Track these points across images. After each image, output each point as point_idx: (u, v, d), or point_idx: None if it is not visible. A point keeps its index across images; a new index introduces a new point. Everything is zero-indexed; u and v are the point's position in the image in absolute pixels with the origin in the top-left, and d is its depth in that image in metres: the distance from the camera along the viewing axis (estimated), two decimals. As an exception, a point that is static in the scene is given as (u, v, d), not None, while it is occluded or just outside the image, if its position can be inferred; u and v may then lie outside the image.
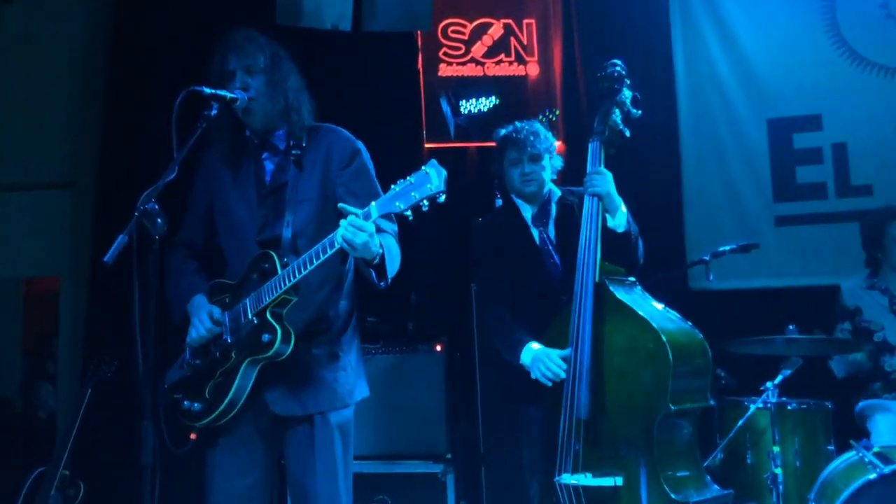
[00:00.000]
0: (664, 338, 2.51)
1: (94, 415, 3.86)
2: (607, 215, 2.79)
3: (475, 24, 5.01)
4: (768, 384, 3.15)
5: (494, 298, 2.98)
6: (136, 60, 4.74)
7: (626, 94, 2.86)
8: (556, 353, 2.69)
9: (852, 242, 3.92)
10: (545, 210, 3.02)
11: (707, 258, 3.58)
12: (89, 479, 3.88)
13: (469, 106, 4.97)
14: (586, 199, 2.78)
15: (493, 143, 4.98)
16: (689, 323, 2.71)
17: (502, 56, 5.00)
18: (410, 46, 4.97)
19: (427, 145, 4.93)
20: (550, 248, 2.98)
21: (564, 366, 2.65)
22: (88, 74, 4.94)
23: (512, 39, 5.01)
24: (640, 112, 2.87)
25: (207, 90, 2.31)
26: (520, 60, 5.00)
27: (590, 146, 2.83)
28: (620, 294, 2.66)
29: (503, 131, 3.09)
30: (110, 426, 4.05)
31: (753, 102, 4.59)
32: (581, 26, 5.00)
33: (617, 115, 2.82)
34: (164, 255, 2.50)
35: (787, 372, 3.16)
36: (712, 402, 2.72)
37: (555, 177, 3.09)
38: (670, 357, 2.48)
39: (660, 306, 2.73)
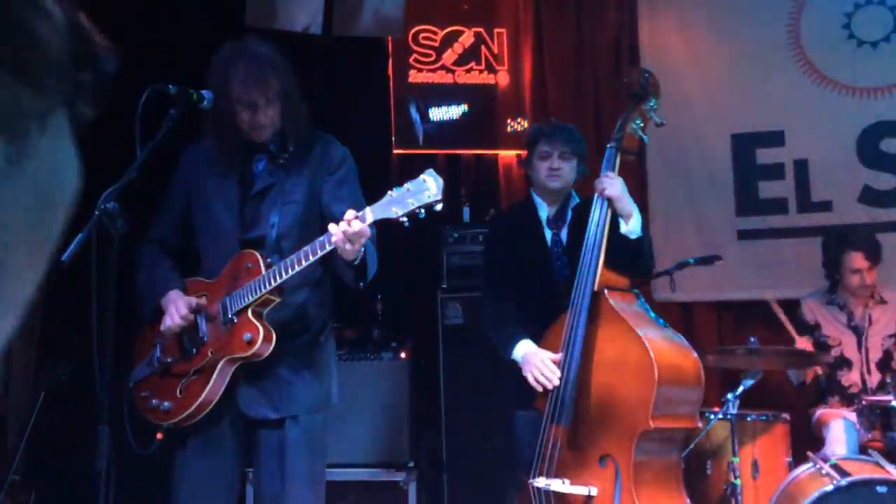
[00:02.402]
0: (652, 354, 2.49)
1: (47, 418, 3.76)
2: (620, 220, 2.76)
3: (446, 31, 5.01)
4: (729, 396, 3.18)
5: (499, 293, 2.97)
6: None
7: (652, 101, 2.81)
8: (550, 357, 2.68)
9: (812, 257, 3.99)
10: (562, 213, 3.01)
11: (671, 270, 3.61)
12: (41, 484, 3.77)
13: (439, 113, 4.97)
14: (595, 204, 2.75)
15: (460, 151, 5.08)
16: (687, 342, 2.69)
17: (473, 64, 5.00)
18: (381, 52, 4.96)
19: (396, 151, 4.91)
20: (560, 250, 2.96)
21: (559, 373, 2.63)
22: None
23: (483, 48, 5.02)
24: (664, 122, 2.82)
25: (173, 88, 2.27)
26: (490, 69, 5.01)
27: (606, 153, 2.81)
28: (617, 305, 2.64)
29: (537, 126, 3.07)
30: (64, 430, 3.95)
31: (718, 118, 4.65)
32: (551, 36, 5.03)
33: (638, 123, 2.78)
34: (137, 250, 2.47)
35: (748, 384, 3.19)
36: (699, 425, 2.69)
37: (579, 178, 3.05)
38: (655, 373, 2.46)
39: (659, 322, 2.71)
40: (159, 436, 2.29)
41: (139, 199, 2.42)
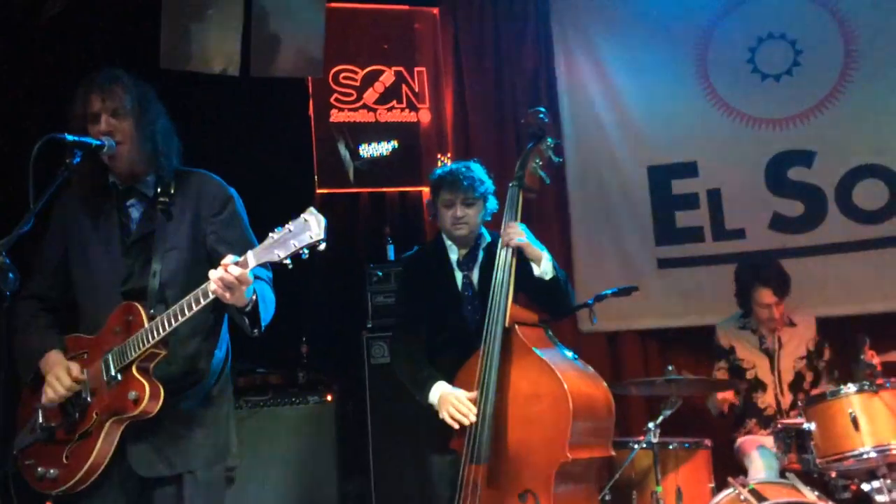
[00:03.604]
0: (566, 385, 2.52)
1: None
2: (532, 265, 2.79)
3: (366, 70, 5.05)
4: (650, 425, 3.22)
5: (409, 335, 2.95)
6: (3, 105, 4.48)
7: (549, 141, 2.88)
8: (465, 395, 2.68)
9: (729, 283, 4.10)
10: (472, 254, 2.98)
11: (590, 302, 3.66)
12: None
13: (370, 150, 4.97)
14: (500, 247, 2.78)
15: (388, 189, 5.07)
16: (595, 372, 2.74)
17: (394, 103, 5.04)
18: (301, 92, 4.95)
19: (319, 191, 4.89)
20: (471, 293, 2.95)
21: (474, 409, 2.62)
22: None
23: (403, 87, 5.06)
24: (561, 159, 2.90)
25: (70, 137, 2.19)
26: (411, 107, 5.06)
27: (509, 192, 2.85)
28: (528, 339, 2.67)
29: (439, 171, 3.02)
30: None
31: (634, 150, 4.78)
32: (471, 74, 5.10)
33: (537, 162, 2.85)
34: (13, 308, 2.32)
35: (668, 412, 3.23)
36: (613, 453, 2.73)
37: (489, 219, 3.02)
38: (570, 405, 2.49)
39: (568, 354, 2.75)
40: None
41: (32, 253, 2.32)
